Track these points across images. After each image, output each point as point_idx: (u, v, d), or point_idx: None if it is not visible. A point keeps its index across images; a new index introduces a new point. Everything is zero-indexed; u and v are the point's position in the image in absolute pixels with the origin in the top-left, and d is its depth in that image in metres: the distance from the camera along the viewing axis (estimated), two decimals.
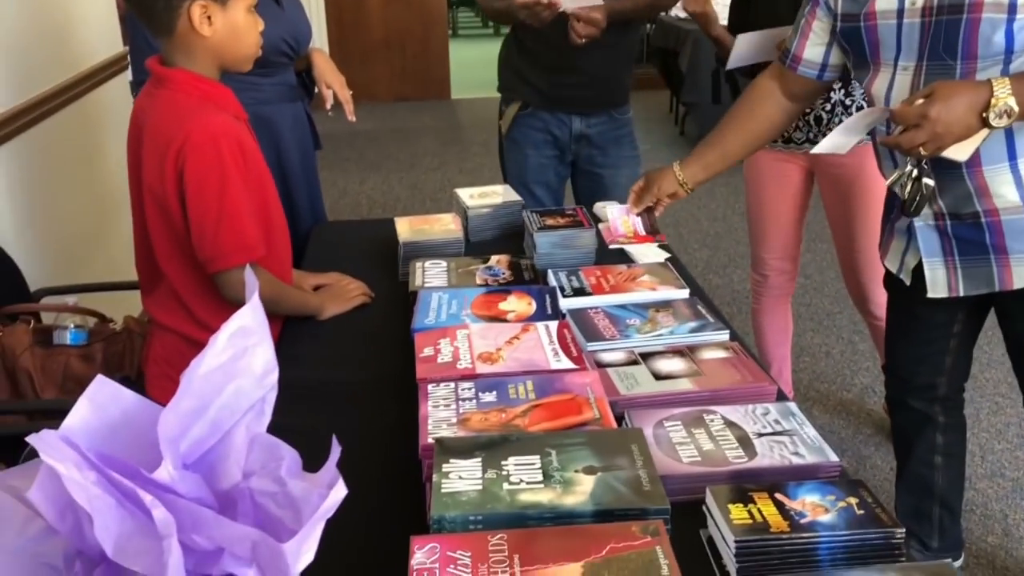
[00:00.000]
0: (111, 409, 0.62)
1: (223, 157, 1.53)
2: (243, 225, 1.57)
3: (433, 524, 0.98)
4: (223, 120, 1.56)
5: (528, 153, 2.53)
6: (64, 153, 2.69)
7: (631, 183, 2.53)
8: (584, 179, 2.58)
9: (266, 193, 1.67)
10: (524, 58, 2.48)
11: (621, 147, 2.54)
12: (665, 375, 1.38)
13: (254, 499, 0.62)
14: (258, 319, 0.66)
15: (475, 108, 7.12)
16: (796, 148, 2.39)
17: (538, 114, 2.49)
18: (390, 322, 1.69)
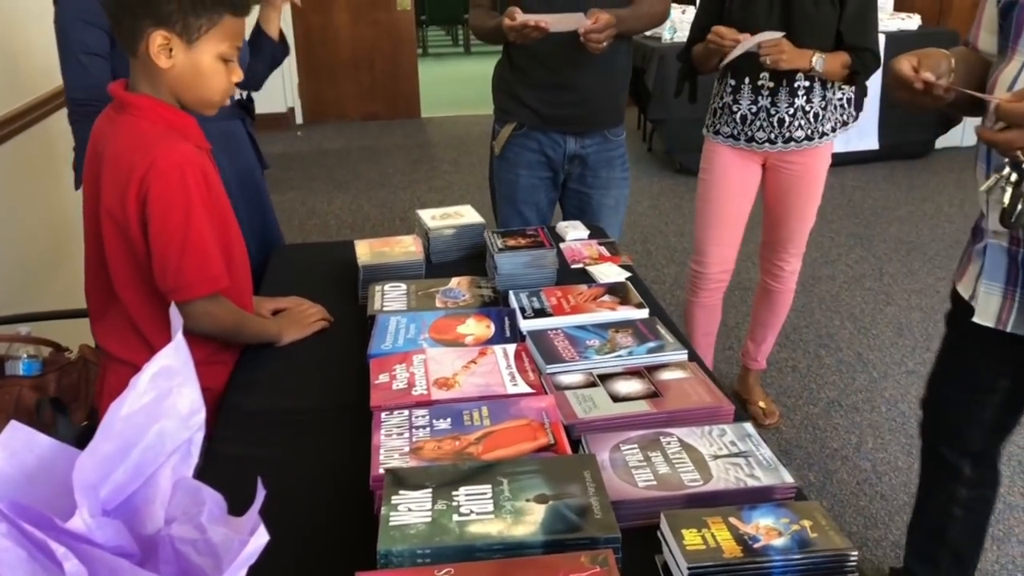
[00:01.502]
0: (26, 456, 0.60)
1: (188, 186, 1.51)
2: (207, 255, 1.54)
3: (380, 559, 0.96)
4: (187, 149, 1.53)
5: (520, 173, 2.52)
6: (18, 179, 2.65)
7: (618, 204, 2.57)
8: (572, 199, 2.57)
9: (227, 222, 1.65)
10: (518, 78, 2.46)
11: (612, 168, 2.53)
12: (623, 397, 1.37)
13: (175, 546, 0.60)
14: (182, 358, 0.64)
15: (445, 126, 7.12)
16: (757, 147, 2.55)
17: (532, 134, 2.48)
18: (348, 347, 1.67)
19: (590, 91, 2.41)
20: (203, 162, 1.57)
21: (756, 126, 2.51)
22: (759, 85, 2.48)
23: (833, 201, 5.03)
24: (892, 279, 4.01)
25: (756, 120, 2.51)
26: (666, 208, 4.96)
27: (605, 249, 2.07)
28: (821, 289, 3.91)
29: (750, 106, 2.51)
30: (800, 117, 2.48)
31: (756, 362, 2.91)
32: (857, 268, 4.14)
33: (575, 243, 2.12)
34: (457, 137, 6.71)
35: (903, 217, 4.80)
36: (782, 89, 2.46)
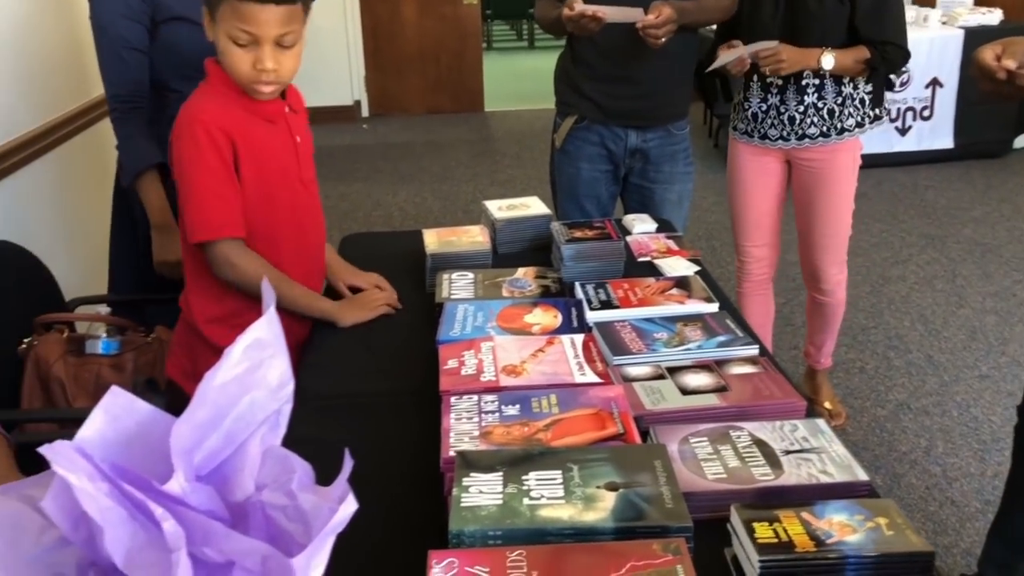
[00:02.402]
0: (125, 420, 0.62)
1: (197, 140, 1.63)
2: (209, 204, 1.66)
3: (452, 538, 0.97)
4: (211, 107, 1.65)
5: (581, 167, 2.52)
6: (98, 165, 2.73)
7: (681, 199, 2.55)
8: (634, 193, 2.56)
9: (273, 190, 1.73)
10: (580, 70, 2.46)
11: (676, 163, 2.51)
12: (692, 390, 1.36)
13: (265, 512, 0.61)
14: (274, 331, 0.66)
15: (508, 120, 7.14)
16: (771, 144, 2.54)
17: (594, 127, 2.47)
18: (416, 334, 1.69)
19: (653, 84, 2.39)
20: (237, 124, 1.66)
21: (767, 124, 2.50)
22: (768, 83, 2.45)
23: (905, 200, 4.92)
24: (965, 281, 3.90)
25: (767, 118, 2.49)
26: None
27: (673, 243, 2.06)
28: (891, 289, 3.83)
29: (760, 104, 2.49)
30: (812, 114, 2.45)
31: (819, 362, 2.86)
32: (929, 269, 4.04)
33: (642, 236, 2.11)
34: (520, 131, 6.72)
35: (978, 218, 4.66)
36: (790, 87, 2.44)
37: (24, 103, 2.41)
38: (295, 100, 1.82)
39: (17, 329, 1.98)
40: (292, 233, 1.78)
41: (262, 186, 1.71)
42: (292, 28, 1.60)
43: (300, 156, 1.79)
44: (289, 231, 1.78)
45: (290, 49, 1.63)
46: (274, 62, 1.61)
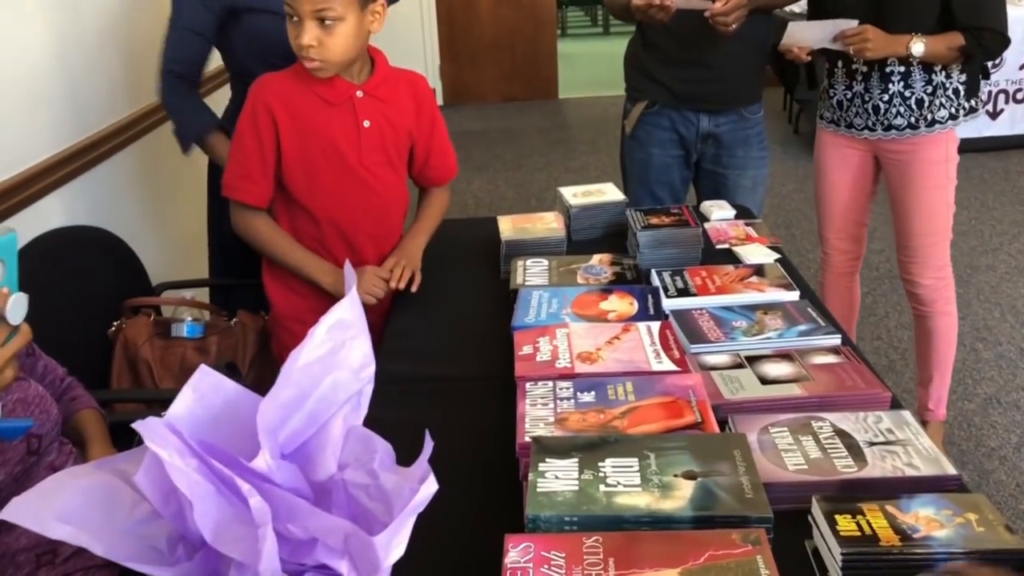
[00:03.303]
0: (213, 398, 0.64)
1: (246, 107, 1.81)
2: (231, 166, 1.85)
3: (528, 523, 0.97)
4: (273, 82, 1.81)
5: (652, 152, 2.48)
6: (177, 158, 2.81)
7: (756, 185, 2.49)
8: (706, 179, 2.51)
9: (317, 170, 1.83)
10: (651, 55, 2.42)
11: (749, 147, 2.45)
12: (772, 379, 1.33)
13: (348, 491, 0.62)
14: (356, 313, 0.67)
15: (582, 107, 7.09)
16: (856, 133, 2.41)
17: (664, 112, 2.44)
18: (490, 319, 1.69)
19: (725, 68, 2.34)
20: (287, 103, 1.79)
21: (852, 112, 2.38)
22: (853, 70, 2.34)
23: (995, 187, 4.72)
24: None
25: (852, 106, 2.37)
26: (812, 192, 4.77)
27: (752, 230, 2.02)
28: (979, 279, 3.68)
29: (844, 91, 2.38)
30: (899, 104, 2.30)
31: (928, 411, 2.55)
32: (1020, 258, 3.88)
33: (720, 223, 2.07)
34: (594, 118, 6.66)
35: None
36: (874, 74, 2.31)
37: (115, 93, 2.49)
38: (392, 87, 1.87)
39: (107, 312, 2.05)
40: (338, 213, 1.87)
41: (305, 164, 1.82)
42: (330, 5, 1.65)
43: (363, 140, 1.84)
44: (334, 210, 1.87)
45: (334, 27, 1.67)
46: (312, 39, 1.67)
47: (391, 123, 1.88)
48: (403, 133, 1.91)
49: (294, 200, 1.87)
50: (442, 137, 2.06)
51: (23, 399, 1.30)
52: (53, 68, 2.20)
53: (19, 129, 2.02)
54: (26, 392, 1.31)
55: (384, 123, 1.87)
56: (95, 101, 2.40)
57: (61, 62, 2.23)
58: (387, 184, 1.92)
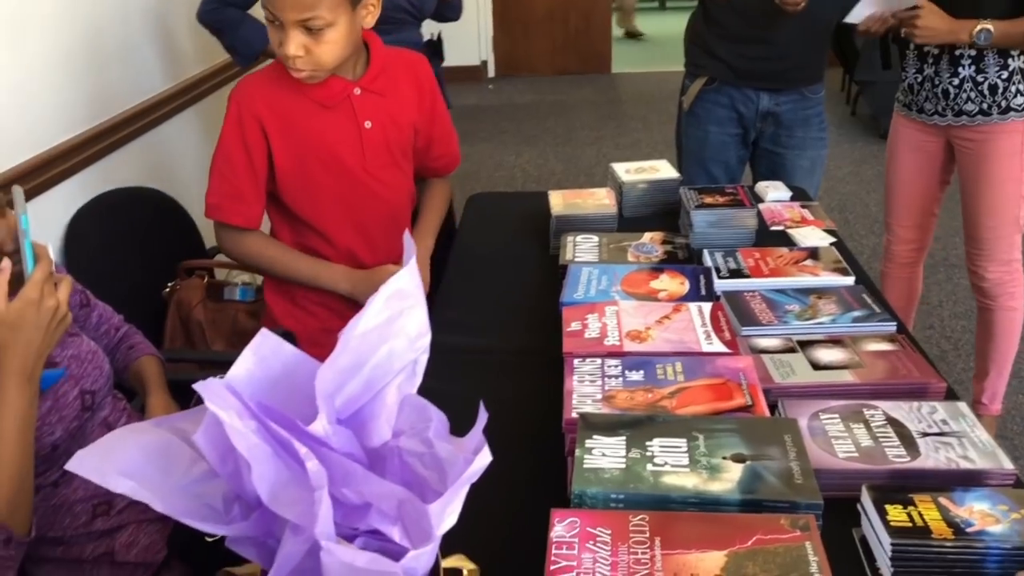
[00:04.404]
0: (272, 362, 0.65)
1: (229, 116, 1.64)
2: (212, 184, 1.68)
3: (574, 499, 0.97)
4: (257, 86, 1.64)
5: (710, 130, 2.45)
6: None
7: (814, 166, 2.44)
8: (764, 159, 2.47)
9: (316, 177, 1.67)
10: (712, 30, 2.38)
11: (809, 127, 2.41)
12: (824, 365, 1.31)
13: (402, 458, 0.63)
14: (414, 282, 0.67)
15: (636, 82, 7.01)
16: (928, 119, 2.34)
17: (724, 89, 2.40)
18: (539, 295, 1.69)
19: (789, 45, 2.29)
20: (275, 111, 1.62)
21: (923, 96, 2.30)
22: (924, 52, 2.26)
23: None
24: None
25: (922, 90, 2.30)
26: (868, 176, 4.68)
27: (808, 212, 1.98)
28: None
29: (915, 75, 2.31)
30: (970, 89, 2.20)
31: (982, 405, 2.48)
32: None
33: (775, 204, 2.04)
34: (648, 94, 6.59)
35: None
36: (944, 58, 2.22)
37: (174, 57, 2.53)
38: (390, 76, 1.70)
39: (162, 273, 2.09)
40: (343, 224, 1.73)
41: (302, 176, 1.66)
42: (317, 13, 1.47)
43: (365, 144, 1.67)
44: (338, 222, 1.72)
45: (323, 34, 1.49)
46: (297, 47, 1.49)
47: (394, 119, 1.70)
48: (407, 128, 1.74)
49: (294, 215, 1.72)
50: (444, 123, 1.86)
51: (76, 355, 1.33)
52: (116, 32, 2.23)
53: (82, 91, 2.05)
54: (79, 348, 1.34)
55: (387, 120, 1.69)
56: (156, 65, 2.43)
57: (124, 26, 2.27)
58: (394, 187, 1.76)
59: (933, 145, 2.37)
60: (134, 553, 1.36)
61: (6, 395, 1.13)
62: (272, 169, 1.65)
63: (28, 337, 1.13)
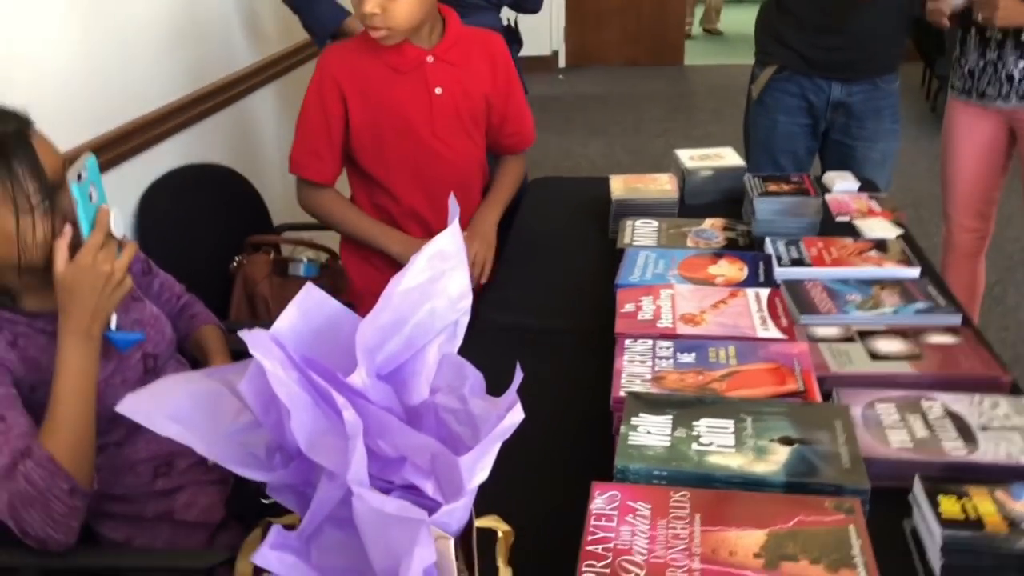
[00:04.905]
0: (316, 315, 0.66)
1: (312, 83, 1.76)
2: (295, 142, 1.80)
3: (616, 474, 0.97)
4: (339, 55, 1.76)
5: (778, 119, 2.41)
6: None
7: (885, 159, 2.39)
8: (833, 150, 2.42)
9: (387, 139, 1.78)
10: (785, 18, 2.34)
11: (881, 119, 2.35)
12: (883, 355, 1.28)
13: (438, 414, 0.64)
14: (456, 243, 0.68)
15: (707, 74, 6.92)
16: (989, 103, 2.28)
17: (795, 78, 2.35)
18: (596, 278, 1.68)
19: (863, 34, 2.23)
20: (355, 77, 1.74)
21: (984, 81, 2.25)
22: (987, 37, 2.19)
23: None
24: None
25: (984, 75, 2.24)
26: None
27: (875, 203, 1.94)
28: None
29: (977, 60, 2.24)
30: None
31: None
32: None
33: (842, 195, 2.00)
34: (720, 86, 6.49)
35: None
36: (1008, 41, 2.17)
37: (243, 40, 2.58)
38: (464, 49, 1.78)
39: (230, 248, 2.15)
40: (412, 186, 1.82)
41: (375, 138, 1.77)
42: None
43: (435, 109, 1.76)
44: (407, 184, 1.82)
45: None
46: (375, 5, 1.58)
47: (465, 88, 1.79)
48: (478, 99, 1.82)
49: (367, 176, 1.83)
50: (519, 101, 1.93)
51: (139, 320, 1.38)
52: (191, 11, 2.29)
53: (155, 68, 2.11)
54: (142, 313, 1.39)
55: (457, 89, 1.78)
56: (227, 46, 2.49)
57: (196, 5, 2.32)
58: (462, 154, 1.84)
59: (992, 129, 2.33)
60: (193, 513, 1.40)
61: (65, 352, 1.20)
62: (348, 130, 1.77)
63: (83, 299, 1.19)
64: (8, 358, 1.20)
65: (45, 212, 1.18)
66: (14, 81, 1.62)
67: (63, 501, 1.17)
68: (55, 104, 1.73)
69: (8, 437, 1.16)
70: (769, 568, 0.78)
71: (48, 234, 1.18)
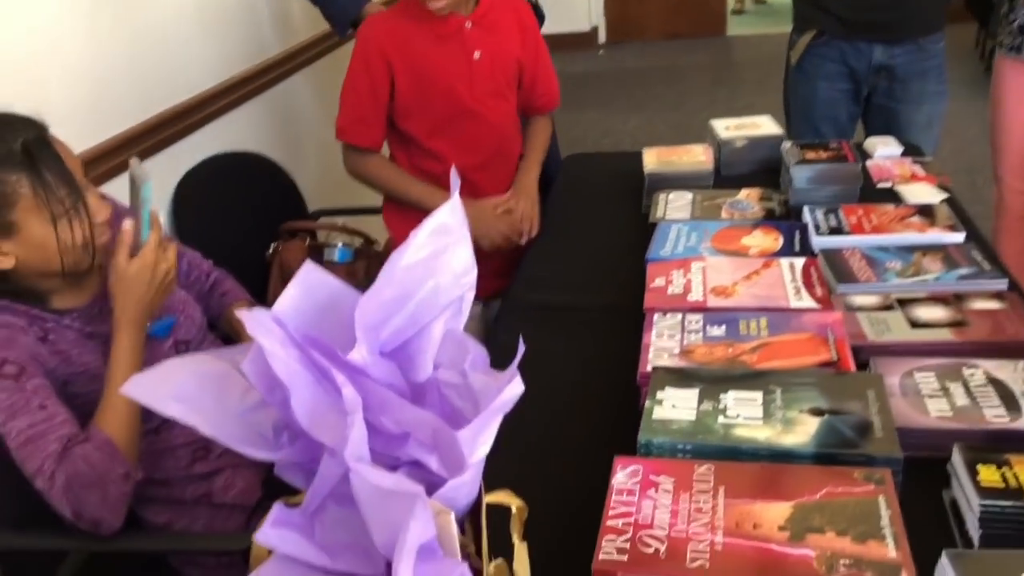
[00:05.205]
0: (318, 293, 0.66)
1: (355, 52, 1.82)
2: (341, 109, 1.86)
3: (640, 448, 0.95)
4: (383, 24, 1.81)
5: (819, 86, 2.34)
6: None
7: (931, 122, 2.31)
8: (877, 114, 2.35)
9: (431, 104, 1.82)
10: None
11: (926, 80, 2.27)
12: (923, 323, 1.24)
13: (440, 390, 0.63)
14: (458, 218, 0.67)
15: (751, 45, 6.78)
16: None
17: (834, 43, 2.29)
18: (629, 253, 1.66)
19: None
20: (398, 44, 1.77)
21: None
22: None
23: None
24: None
25: None
26: None
27: (919, 168, 1.88)
28: None
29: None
30: None
31: None
32: None
33: (884, 160, 1.94)
34: (764, 57, 6.35)
35: None
36: None
37: (272, 28, 2.59)
38: (497, 15, 1.84)
39: (266, 235, 2.16)
40: (455, 148, 1.86)
41: (419, 102, 1.82)
42: None
43: (474, 73, 1.83)
44: (450, 146, 1.86)
45: None
46: None
47: (500, 53, 1.87)
48: (511, 61, 1.90)
49: (410, 139, 1.88)
50: (547, 63, 2.03)
51: (168, 306, 1.40)
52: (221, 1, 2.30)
53: (189, 57, 2.13)
54: (171, 299, 1.41)
55: (494, 53, 1.85)
56: (257, 34, 2.51)
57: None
58: (501, 115, 1.92)
59: None
60: (231, 495, 1.42)
61: (121, 342, 1.26)
62: (392, 96, 1.82)
63: (141, 293, 1.26)
64: (40, 352, 1.22)
65: (78, 215, 1.20)
66: (49, 75, 1.64)
67: (118, 485, 1.20)
68: (91, 96, 1.76)
69: (52, 424, 1.18)
70: (794, 540, 0.76)
71: (86, 236, 1.22)
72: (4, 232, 1.18)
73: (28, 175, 1.16)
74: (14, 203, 1.16)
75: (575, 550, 0.83)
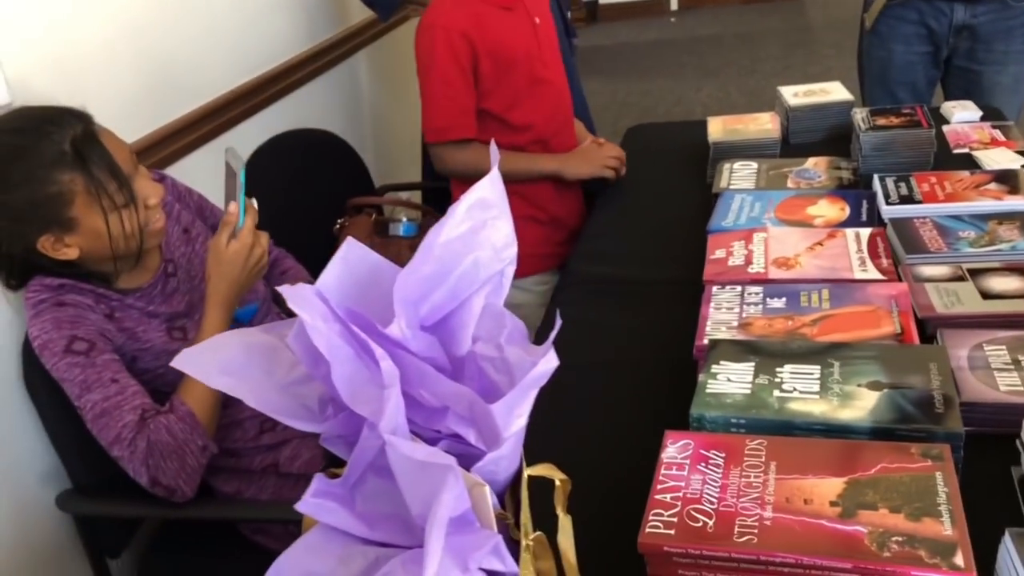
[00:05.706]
0: (360, 268, 0.66)
1: (433, 45, 1.74)
2: (435, 109, 1.79)
3: (692, 422, 0.95)
4: (450, 9, 1.74)
5: (894, 49, 2.26)
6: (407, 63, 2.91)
7: (1018, 84, 2.20)
8: (957, 77, 2.25)
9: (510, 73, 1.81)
10: None
11: (1011, 40, 2.16)
12: (996, 294, 1.19)
13: (477, 363, 0.63)
14: (497, 192, 0.67)
15: (829, 7, 6.55)
16: None
17: (912, 3, 2.20)
18: (691, 224, 1.63)
19: None
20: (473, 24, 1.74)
21: None
22: None
23: None
24: None
25: None
26: None
27: (999, 133, 1.80)
28: None
29: None
30: None
31: None
32: None
33: (961, 125, 1.86)
34: (842, 19, 6.15)
35: None
36: None
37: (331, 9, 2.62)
38: None
39: (333, 210, 2.20)
40: (533, 116, 1.87)
41: (500, 72, 1.80)
42: None
43: (540, 37, 1.86)
44: (528, 115, 1.86)
45: None
46: None
47: (547, 13, 1.91)
48: (553, 24, 1.95)
49: (489, 116, 1.84)
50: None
51: (252, 292, 1.44)
52: None
53: (257, 36, 2.17)
54: (255, 287, 1.45)
55: (544, 15, 1.90)
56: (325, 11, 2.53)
57: None
58: (560, 75, 1.94)
59: None
60: (297, 465, 1.47)
61: (210, 319, 1.31)
62: (477, 79, 1.80)
63: (236, 274, 1.31)
64: (108, 328, 1.28)
65: (128, 205, 1.25)
66: (119, 53, 1.69)
67: (196, 456, 1.25)
68: (162, 76, 1.80)
69: (125, 396, 1.24)
70: (845, 517, 0.75)
71: (136, 225, 1.26)
72: (67, 227, 1.23)
73: (81, 173, 1.20)
74: (71, 200, 1.21)
75: (623, 525, 0.83)
